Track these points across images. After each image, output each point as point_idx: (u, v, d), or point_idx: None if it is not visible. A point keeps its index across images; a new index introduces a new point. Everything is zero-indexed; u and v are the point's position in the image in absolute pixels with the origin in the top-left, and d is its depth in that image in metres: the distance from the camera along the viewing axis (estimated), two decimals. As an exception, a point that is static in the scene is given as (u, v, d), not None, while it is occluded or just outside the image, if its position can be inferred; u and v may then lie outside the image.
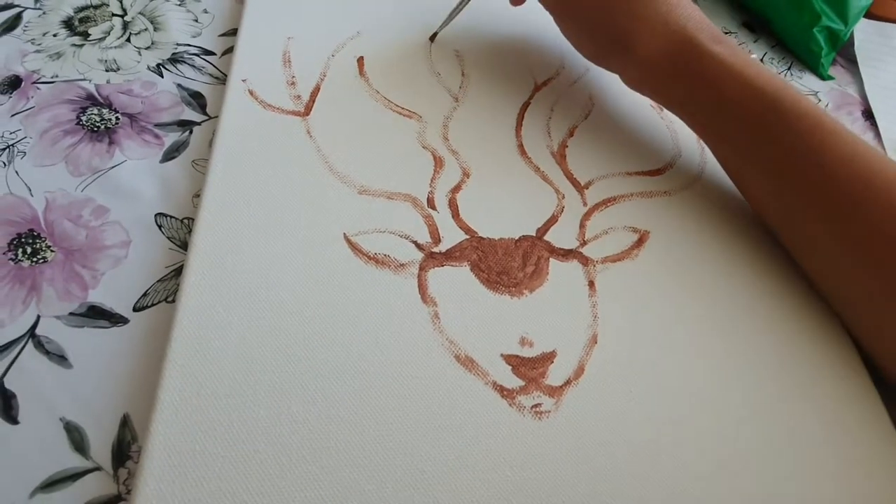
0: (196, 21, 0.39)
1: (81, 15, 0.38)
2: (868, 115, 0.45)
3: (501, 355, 0.26)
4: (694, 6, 0.33)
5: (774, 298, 0.31)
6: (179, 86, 0.35)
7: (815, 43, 0.46)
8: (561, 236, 0.31)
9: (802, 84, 0.46)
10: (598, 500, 0.23)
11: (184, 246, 0.29)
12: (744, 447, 0.26)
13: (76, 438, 0.23)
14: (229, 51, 0.38)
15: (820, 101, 0.45)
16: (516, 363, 0.26)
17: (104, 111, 0.33)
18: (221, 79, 0.36)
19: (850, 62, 0.49)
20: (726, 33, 0.49)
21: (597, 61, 0.35)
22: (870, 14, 0.50)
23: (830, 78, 0.47)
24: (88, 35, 0.37)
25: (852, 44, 0.49)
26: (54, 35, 0.37)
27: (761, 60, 0.47)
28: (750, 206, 0.33)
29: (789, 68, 0.47)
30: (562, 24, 0.35)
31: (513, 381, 0.26)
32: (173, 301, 0.27)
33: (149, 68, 0.36)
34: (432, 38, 0.39)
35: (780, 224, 0.32)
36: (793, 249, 0.32)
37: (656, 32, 0.31)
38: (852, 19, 0.46)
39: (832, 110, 0.45)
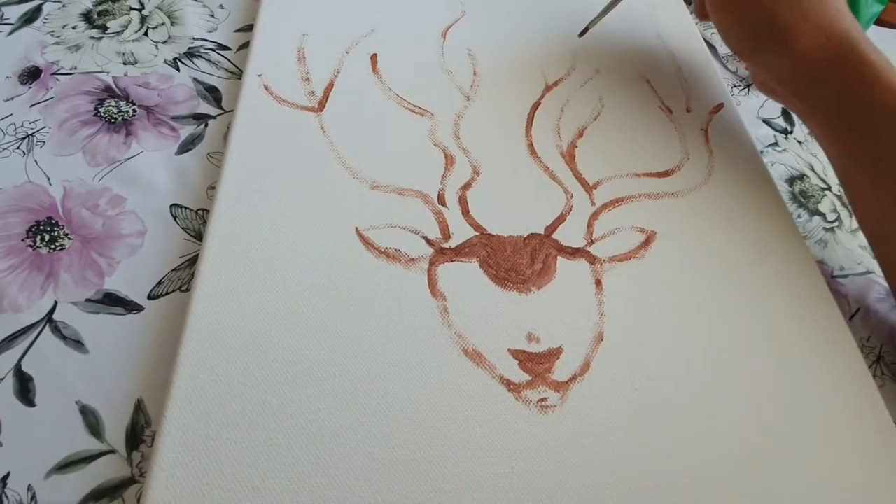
0: (212, 16, 0.40)
1: (100, 8, 0.39)
2: (876, 121, 0.45)
3: (509, 350, 0.27)
4: (852, 14, 0.33)
5: (779, 299, 0.31)
6: (195, 80, 0.36)
7: (824, 49, 0.46)
8: (569, 235, 0.31)
9: (811, 90, 0.46)
10: (602, 493, 0.24)
11: (198, 236, 0.29)
12: (747, 444, 0.26)
13: (91, 421, 0.24)
14: (244, 46, 0.38)
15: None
16: (523, 358, 0.27)
17: (121, 103, 0.34)
18: (237, 74, 0.37)
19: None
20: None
21: (749, 54, 0.35)
22: (880, 21, 0.50)
23: (840, 84, 0.47)
24: (107, 28, 0.38)
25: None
26: (73, 27, 0.37)
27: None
28: (857, 215, 0.34)
29: (798, 74, 0.47)
30: (719, 13, 0.35)
31: (520, 376, 0.26)
32: (187, 290, 0.27)
33: (165, 62, 0.36)
34: (582, 33, 0.41)
35: (890, 238, 0.32)
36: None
37: (820, 31, 0.32)
38: (864, 26, 0.46)
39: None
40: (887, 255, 0.33)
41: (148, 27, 0.38)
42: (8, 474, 0.23)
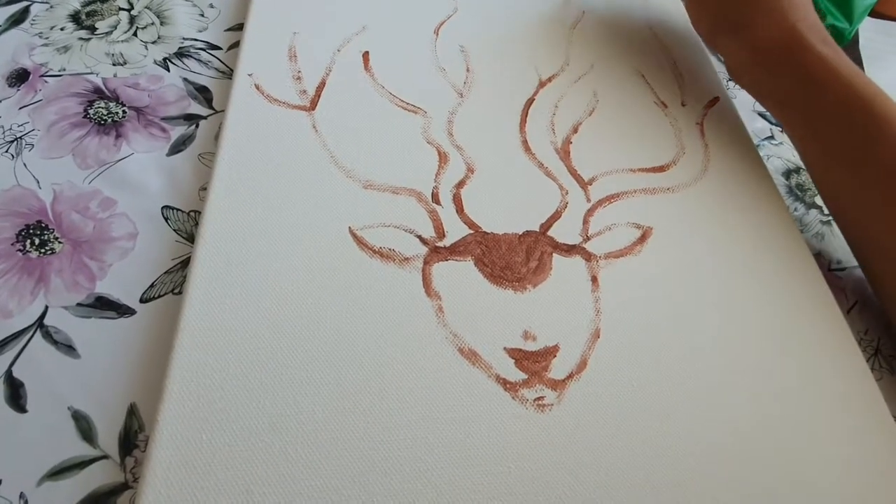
0: (202, 16, 0.39)
1: (88, 9, 0.38)
2: (872, 113, 0.45)
3: (505, 349, 0.27)
4: (811, 5, 0.35)
5: (777, 293, 0.31)
6: (186, 80, 0.36)
7: (819, 41, 0.46)
8: (564, 232, 0.31)
9: (806, 82, 0.46)
10: (600, 492, 0.24)
11: (190, 238, 0.29)
12: (745, 441, 0.26)
13: (84, 427, 0.24)
14: (235, 45, 0.38)
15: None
16: (519, 357, 0.26)
17: (111, 104, 0.34)
18: (227, 73, 0.36)
19: (856, 61, 0.49)
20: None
21: (710, 39, 0.38)
22: (875, 13, 0.50)
23: (835, 76, 0.47)
24: (95, 29, 0.37)
25: (857, 42, 0.49)
26: (61, 29, 0.37)
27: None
28: (824, 202, 0.34)
29: (793, 66, 0.47)
30: None
31: (516, 375, 0.26)
32: (180, 293, 0.27)
33: (155, 62, 0.36)
34: None
35: (853, 221, 0.33)
36: (862, 248, 0.33)
37: (773, 22, 0.34)
38: (857, 18, 0.46)
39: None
40: (851, 236, 0.34)
41: (137, 27, 0.38)
42: (0, 482, 0.22)
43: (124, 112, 0.33)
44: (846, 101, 0.32)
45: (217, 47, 0.38)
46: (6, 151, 0.31)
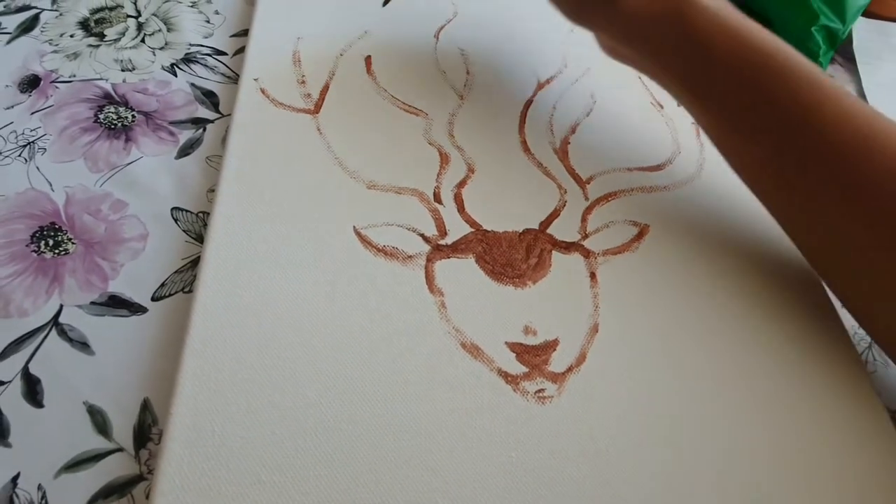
0: (208, 22, 0.40)
1: (97, 16, 0.39)
2: (865, 112, 0.46)
3: (506, 343, 0.27)
4: None
5: (771, 288, 0.32)
6: (193, 85, 0.36)
7: (813, 42, 0.47)
8: (563, 230, 0.32)
9: (801, 82, 0.47)
10: (600, 481, 0.24)
11: (199, 239, 0.30)
12: (742, 436, 0.27)
13: (99, 421, 0.24)
14: (240, 51, 0.39)
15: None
16: (520, 350, 0.27)
17: (120, 109, 0.34)
18: (233, 78, 0.37)
19: (849, 60, 0.50)
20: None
21: (578, 19, 0.33)
22: (868, 13, 0.51)
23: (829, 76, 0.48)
24: (104, 36, 0.38)
25: (851, 42, 0.50)
26: (71, 36, 0.38)
27: (760, 59, 0.48)
28: (740, 177, 0.32)
29: (788, 67, 0.48)
30: None
31: (517, 368, 0.27)
32: (190, 292, 0.28)
33: (163, 68, 0.37)
34: (386, 1, 0.40)
35: (773, 193, 0.30)
36: (786, 222, 0.30)
37: None
38: (850, 18, 0.47)
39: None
40: (770, 209, 0.31)
41: (144, 34, 0.39)
42: (18, 475, 0.23)
43: (133, 116, 0.34)
44: (739, 56, 0.28)
45: (223, 53, 0.39)
46: (19, 155, 0.32)
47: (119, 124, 0.34)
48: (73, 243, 0.29)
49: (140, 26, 0.39)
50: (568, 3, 0.33)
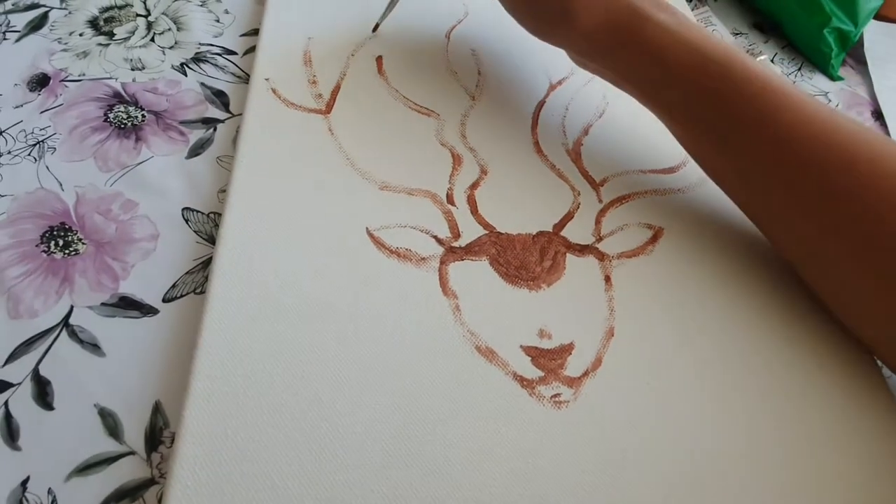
0: (218, 21, 0.40)
1: (106, 15, 0.39)
2: (878, 115, 0.45)
3: (521, 347, 0.27)
4: None
5: (787, 291, 0.31)
6: (203, 84, 0.36)
7: (825, 44, 0.46)
8: (577, 232, 0.32)
9: (812, 85, 0.47)
10: (617, 488, 0.24)
11: (210, 239, 0.30)
12: (758, 438, 0.26)
13: (110, 424, 0.24)
14: (250, 51, 0.39)
15: (830, 101, 0.46)
16: (535, 354, 0.27)
17: (130, 109, 0.34)
18: (243, 78, 0.37)
19: (860, 63, 0.49)
20: (736, 35, 0.49)
21: (541, 37, 0.33)
22: (879, 16, 0.51)
23: (840, 79, 0.47)
24: (114, 35, 0.38)
25: (862, 45, 0.49)
26: (80, 34, 0.38)
27: (771, 61, 0.47)
28: (716, 184, 0.32)
29: (799, 69, 0.48)
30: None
31: (532, 372, 0.26)
32: (201, 292, 0.28)
33: (173, 67, 0.37)
34: (375, 28, 0.39)
35: (743, 199, 0.31)
36: (759, 225, 0.31)
37: (596, 2, 0.30)
38: (862, 21, 0.46)
39: (842, 110, 0.45)
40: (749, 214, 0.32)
41: (154, 33, 0.39)
42: (28, 478, 0.23)
43: (143, 116, 0.34)
44: (694, 67, 0.28)
45: (233, 52, 0.38)
46: (29, 154, 0.31)
47: (129, 124, 0.33)
48: (83, 243, 0.29)
49: (150, 25, 0.39)
50: (527, 23, 0.33)
